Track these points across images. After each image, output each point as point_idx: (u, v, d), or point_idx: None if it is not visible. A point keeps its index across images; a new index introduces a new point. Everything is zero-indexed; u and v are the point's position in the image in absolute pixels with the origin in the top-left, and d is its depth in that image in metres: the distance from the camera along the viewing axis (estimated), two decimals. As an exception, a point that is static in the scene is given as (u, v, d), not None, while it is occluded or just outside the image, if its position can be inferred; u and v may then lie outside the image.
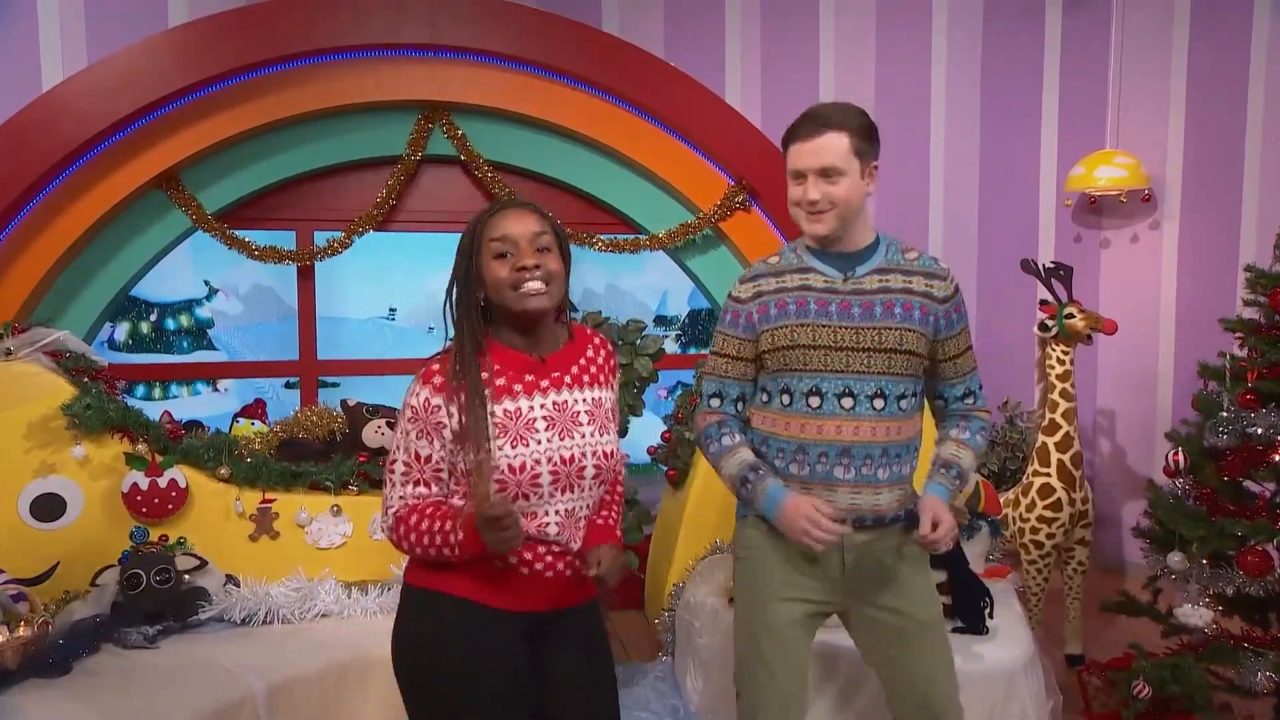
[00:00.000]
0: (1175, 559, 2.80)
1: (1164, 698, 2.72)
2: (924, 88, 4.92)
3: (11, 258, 3.74)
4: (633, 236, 4.41)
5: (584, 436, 1.78)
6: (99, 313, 3.98)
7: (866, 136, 1.96)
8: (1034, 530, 3.63)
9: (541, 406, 1.76)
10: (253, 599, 2.81)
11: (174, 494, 2.89)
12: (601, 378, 1.87)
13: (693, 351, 5.34)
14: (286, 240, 4.22)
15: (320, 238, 4.25)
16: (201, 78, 3.84)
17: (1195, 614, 2.74)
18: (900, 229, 4.74)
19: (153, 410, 4.21)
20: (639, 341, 3.71)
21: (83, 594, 2.74)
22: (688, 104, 4.26)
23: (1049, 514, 3.60)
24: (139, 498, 2.86)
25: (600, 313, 3.91)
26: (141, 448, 2.88)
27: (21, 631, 2.45)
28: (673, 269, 4.67)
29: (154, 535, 2.89)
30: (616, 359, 1.97)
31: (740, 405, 2.11)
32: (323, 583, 2.91)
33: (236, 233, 4.07)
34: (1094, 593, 3.84)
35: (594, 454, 1.79)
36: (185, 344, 4.39)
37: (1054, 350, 3.65)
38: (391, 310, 4.74)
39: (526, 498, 1.73)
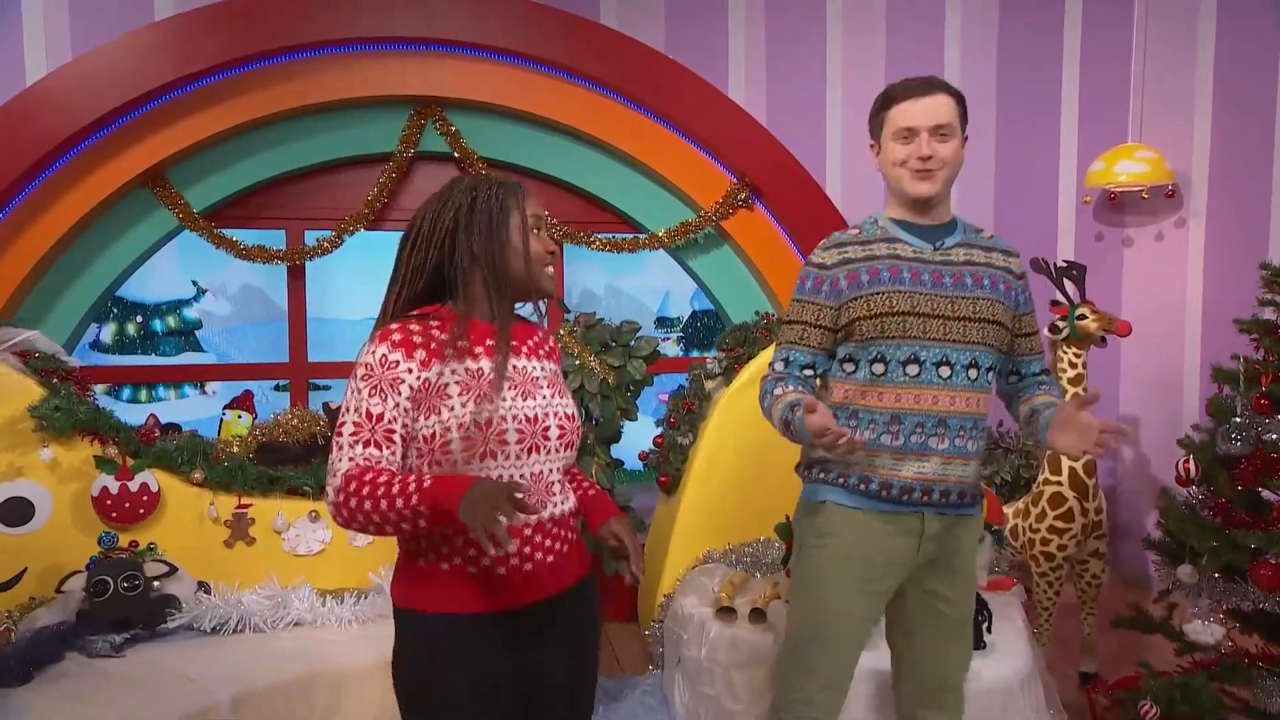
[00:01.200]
0: (1185, 572, 2.72)
1: (1173, 718, 2.64)
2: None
3: (-3, 255, 3.77)
4: (631, 235, 4.37)
5: (545, 399, 1.81)
6: (83, 313, 3.99)
7: (964, 105, 2.03)
8: (1044, 541, 3.55)
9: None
10: (223, 607, 2.79)
11: (145, 498, 2.89)
12: (554, 356, 1.93)
13: (694, 354, 5.29)
14: (277, 240, 4.22)
15: (311, 237, 4.24)
16: (188, 72, 3.86)
17: (1205, 630, 2.65)
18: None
19: (139, 413, 4.24)
20: (632, 343, 3.67)
21: (48, 600, 2.74)
22: (689, 99, 4.22)
23: (1060, 524, 3.52)
24: (109, 502, 2.86)
25: (595, 314, 3.87)
26: (111, 450, 2.88)
27: (-17, 638, 2.46)
28: (675, 269, 4.63)
29: (124, 541, 2.88)
30: (556, 343, 1.99)
31: (807, 373, 2.07)
32: (296, 591, 2.89)
33: (225, 232, 4.08)
34: (1115, 608, 3.74)
35: (556, 415, 1.81)
36: (172, 345, 4.39)
37: (1065, 353, 3.57)
38: (384, 312, 4.73)
39: (494, 456, 1.72)
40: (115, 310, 4.31)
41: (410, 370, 1.71)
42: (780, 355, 2.10)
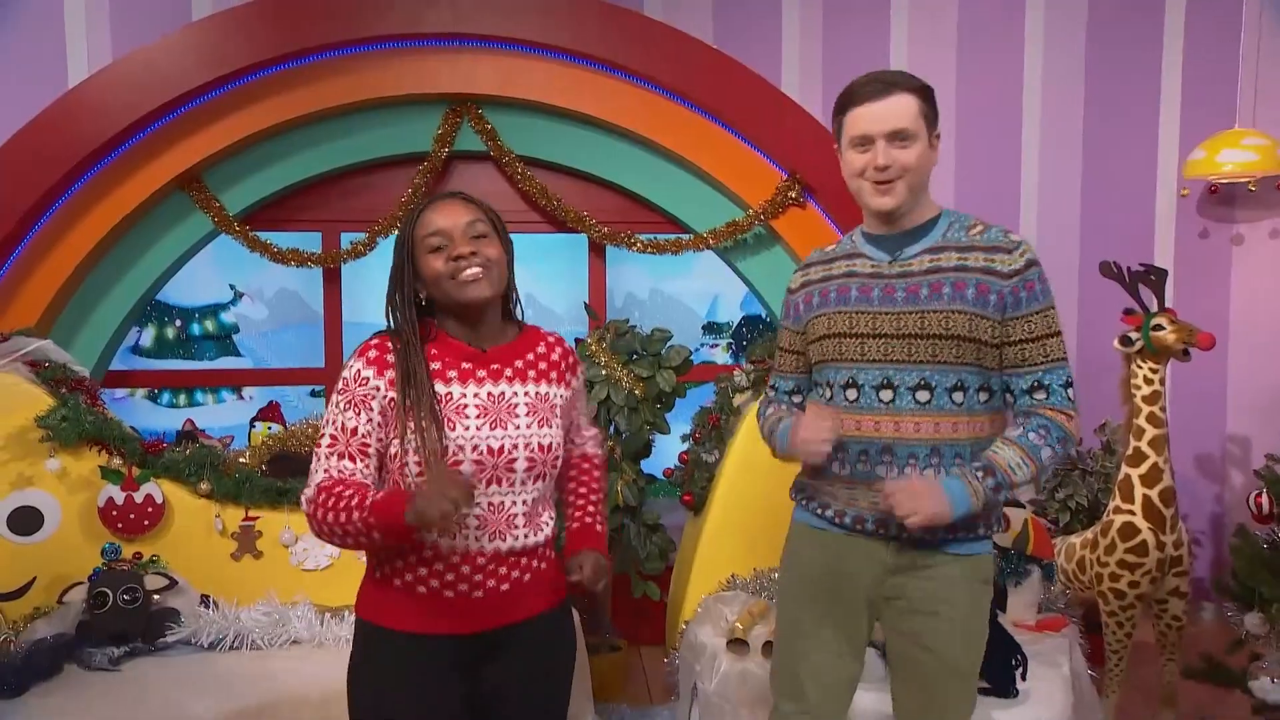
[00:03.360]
0: (1253, 621, 2.53)
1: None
2: (1015, 66, 4.64)
3: (37, 259, 3.95)
4: (675, 236, 4.33)
5: (518, 429, 1.82)
6: (123, 317, 4.17)
7: (931, 100, 1.94)
8: (1114, 577, 3.34)
9: (475, 395, 1.81)
10: (222, 623, 2.87)
11: (150, 510, 2.99)
12: (554, 375, 1.92)
13: (742, 363, 5.21)
14: (313, 242, 4.33)
15: (347, 240, 4.34)
16: (220, 74, 3.98)
17: (1274, 690, 2.46)
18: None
19: (177, 418, 4.42)
20: (663, 352, 3.62)
21: (49, 611, 2.86)
22: (737, 93, 4.15)
23: (1132, 559, 3.32)
24: (114, 513, 2.97)
25: (628, 320, 3.85)
26: (117, 461, 2.99)
27: (-19, 649, 2.59)
28: (724, 271, 4.56)
29: (130, 552, 2.98)
30: (575, 357, 2.00)
31: (795, 399, 2.16)
32: (295, 608, 2.95)
33: (260, 235, 4.21)
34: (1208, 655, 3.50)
35: (527, 446, 1.82)
36: (210, 350, 4.56)
37: (1140, 367, 3.36)
38: (421, 315, 4.82)
39: None
40: (154, 312, 4.50)
41: (379, 389, 1.79)
42: (772, 381, 2.21)
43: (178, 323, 4.54)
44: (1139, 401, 3.36)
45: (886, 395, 1.90)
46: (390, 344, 1.81)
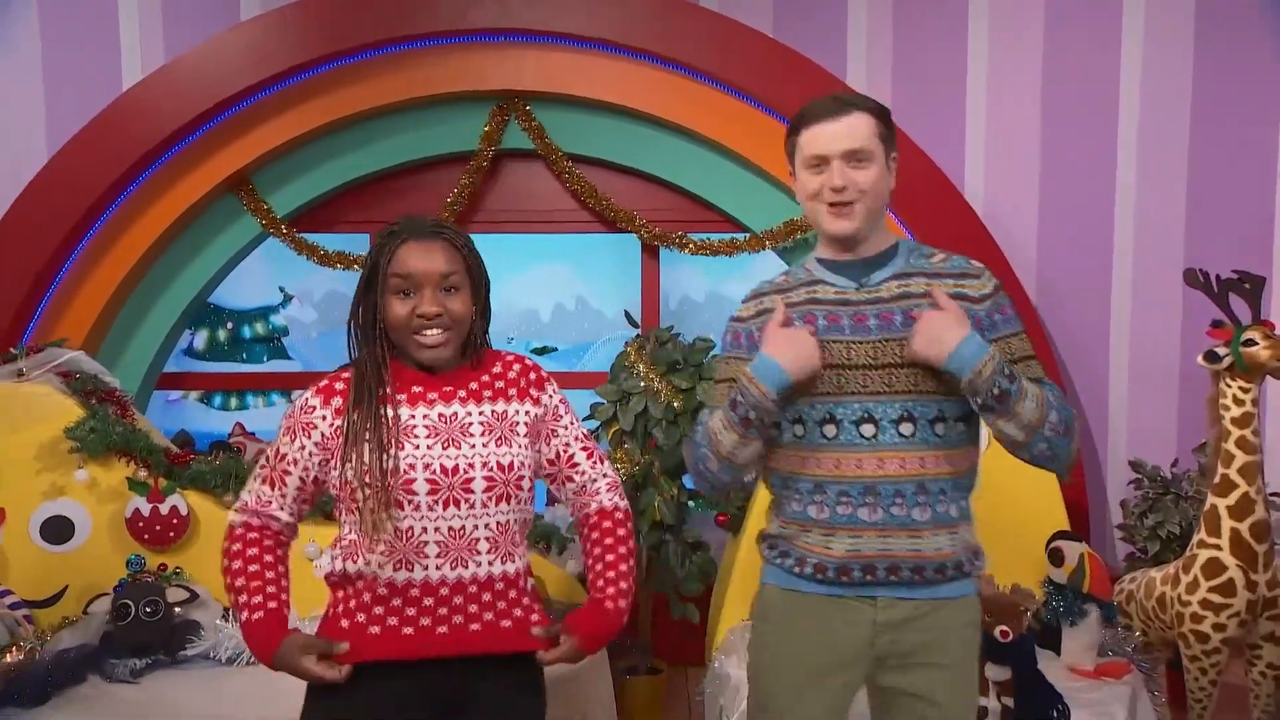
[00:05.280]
0: (1330, 681, 2.37)
1: None
2: (1112, 51, 4.42)
3: (94, 262, 4.19)
4: (729, 237, 4.29)
5: (473, 448, 1.82)
6: (176, 320, 4.35)
7: (888, 121, 1.93)
8: (1196, 618, 3.17)
9: (425, 417, 1.83)
10: (239, 637, 2.96)
11: (175, 521, 3.11)
12: (513, 392, 1.91)
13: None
14: (361, 245, 4.43)
15: (396, 242, 4.43)
16: (268, 75, 4.11)
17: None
18: (1069, 242, 4.32)
19: (229, 420, 4.59)
20: (705, 362, 3.60)
21: (76, 621, 3.01)
22: (798, 86, 4.07)
23: (1217, 599, 3.14)
24: (141, 524, 3.10)
25: (671, 328, 3.83)
26: (143, 472, 3.12)
27: (8, 658, 2.75)
28: (787, 273, 4.51)
29: (156, 564, 3.11)
30: (540, 374, 1.97)
31: None
32: (313, 623, 3.02)
33: (308, 237, 4.34)
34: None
35: (485, 465, 1.82)
36: (261, 352, 4.73)
37: (1230, 386, 3.17)
38: (470, 318, 4.91)
39: (400, 506, 1.78)
40: (207, 315, 4.70)
41: (324, 417, 1.85)
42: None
43: (229, 325, 4.71)
44: (1228, 424, 3.17)
45: (869, 430, 1.84)
46: (346, 377, 1.87)
